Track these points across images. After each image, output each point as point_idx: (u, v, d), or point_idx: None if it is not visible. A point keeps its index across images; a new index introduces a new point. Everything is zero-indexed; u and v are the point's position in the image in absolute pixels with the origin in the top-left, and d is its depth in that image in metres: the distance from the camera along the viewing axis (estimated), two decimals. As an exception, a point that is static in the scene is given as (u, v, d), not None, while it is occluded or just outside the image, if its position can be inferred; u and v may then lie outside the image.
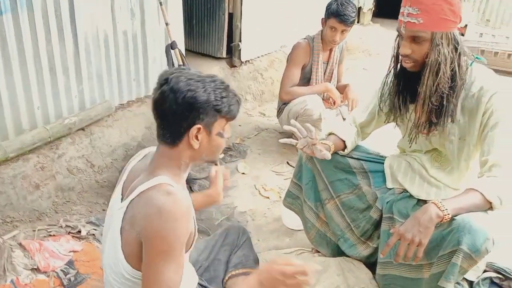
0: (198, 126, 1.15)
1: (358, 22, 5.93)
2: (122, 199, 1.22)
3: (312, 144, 1.70)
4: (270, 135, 3.33)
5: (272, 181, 2.73)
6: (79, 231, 2.07)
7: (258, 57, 4.19)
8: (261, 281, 1.22)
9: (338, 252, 2.00)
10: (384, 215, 1.76)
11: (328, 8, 2.85)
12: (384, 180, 1.84)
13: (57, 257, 1.91)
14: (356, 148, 1.91)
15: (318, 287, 1.86)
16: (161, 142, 1.20)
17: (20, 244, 1.92)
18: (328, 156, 1.69)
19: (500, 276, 1.72)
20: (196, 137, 1.16)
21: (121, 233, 1.16)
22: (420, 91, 1.56)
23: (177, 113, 1.14)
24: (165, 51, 2.72)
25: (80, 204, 2.30)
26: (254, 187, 2.67)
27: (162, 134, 1.19)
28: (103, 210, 2.30)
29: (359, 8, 5.92)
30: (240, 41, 3.88)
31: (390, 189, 1.81)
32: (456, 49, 1.51)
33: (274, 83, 4.07)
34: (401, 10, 1.53)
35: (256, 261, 1.96)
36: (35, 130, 2.22)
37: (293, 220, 2.30)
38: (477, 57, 1.62)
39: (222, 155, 2.92)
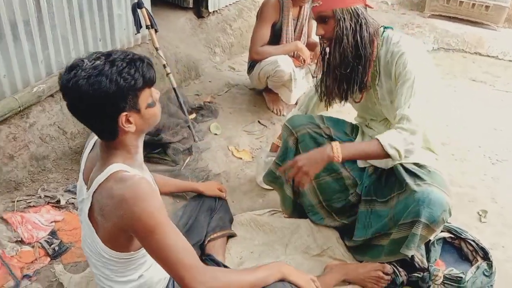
0: (124, 113, 1.13)
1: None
2: (87, 188, 1.24)
3: None
4: (240, 91, 3.36)
5: (244, 141, 2.82)
6: (58, 201, 2.12)
7: (226, 6, 4.09)
8: None
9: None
10: (363, 198, 1.90)
11: (296, -36, 2.79)
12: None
13: (39, 228, 1.97)
14: (337, 126, 1.98)
15: (290, 247, 2.03)
16: (100, 138, 1.21)
17: (2, 218, 1.96)
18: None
19: (452, 235, 1.93)
20: (128, 122, 1.16)
21: (92, 222, 1.20)
22: (329, 61, 1.78)
23: (96, 115, 1.12)
24: (132, 11, 2.63)
25: (56, 171, 2.32)
26: (227, 148, 2.75)
27: (96, 134, 1.21)
28: (80, 176, 2.34)
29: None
30: (208, -11, 3.76)
31: (363, 168, 1.93)
32: (358, 21, 1.68)
33: (243, 35, 4.03)
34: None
35: (231, 222, 2.11)
36: (3, 100, 2.17)
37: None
38: (385, 27, 1.78)
39: (194, 115, 2.96)
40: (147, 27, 2.63)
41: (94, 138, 1.36)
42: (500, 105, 3.62)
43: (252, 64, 3.08)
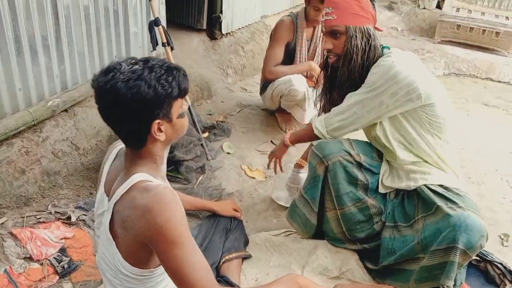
0: (157, 121, 1.12)
1: None
2: (109, 200, 1.20)
3: None
4: (252, 112, 3.34)
5: (257, 161, 2.77)
6: (69, 217, 2.07)
7: (239, 28, 4.12)
8: None
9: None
10: (386, 224, 1.83)
11: (312, -13, 2.81)
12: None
13: (49, 245, 1.91)
14: (365, 151, 1.91)
15: (307, 268, 1.95)
16: (127, 146, 1.18)
17: (11, 233, 1.90)
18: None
19: (478, 258, 1.85)
20: (160, 130, 1.14)
21: (113, 235, 1.15)
22: (338, 76, 1.80)
23: (130, 119, 1.10)
24: (148, 28, 2.63)
25: (67, 188, 2.28)
26: (240, 167, 2.70)
27: (124, 140, 1.17)
28: (90, 193, 2.29)
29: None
30: (221, 12, 3.80)
31: (385, 194, 1.87)
32: (368, 41, 1.73)
33: (255, 57, 4.04)
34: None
35: (246, 243, 2.04)
36: (17, 113, 2.15)
37: (282, 196, 2.38)
38: (383, 47, 1.81)
39: (206, 134, 2.93)
40: (163, 44, 2.63)
41: (116, 149, 1.33)
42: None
43: (265, 85, 3.07)
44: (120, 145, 1.33)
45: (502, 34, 4.70)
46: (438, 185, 1.69)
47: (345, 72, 1.76)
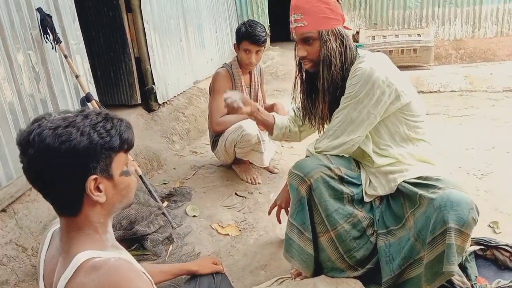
0: (93, 177, 0.94)
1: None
2: None
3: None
4: (209, 170, 3.19)
5: (227, 216, 2.59)
6: (27, 329, 1.74)
7: (175, 96, 4.08)
8: None
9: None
10: (379, 232, 1.72)
11: (238, 32, 2.85)
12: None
13: None
14: (344, 164, 1.81)
15: (312, 311, 1.75)
16: (60, 215, 0.99)
17: None
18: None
19: (483, 247, 1.75)
20: (98, 189, 0.95)
21: None
22: (319, 84, 1.72)
23: (60, 176, 0.91)
24: (81, 105, 2.49)
25: (20, 297, 1.95)
26: (210, 227, 2.49)
27: (56, 207, 0.98)
28: (49, 296, 1.97)
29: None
30: (154, 83, 3.74)
31: (371, 203, 1.78)
32: (342, 43, 1.68)
33: (198, 119, 3.97)
34: (290, 20, 1.71)
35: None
36: None
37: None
38: (357, 46, 1.78)
39: (166, 203, 2.72)
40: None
41: (49, 232, 1.11)
42: (461, 129, 3.70)
43: (216, 139, 2.97)
44: (53, 227, 1.11)
45: (419, 50, 5.04)
46: (417, 177, 1.62)
47: (327, 77, 1.68)
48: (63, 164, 0.90)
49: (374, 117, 1.65)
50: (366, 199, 1.77)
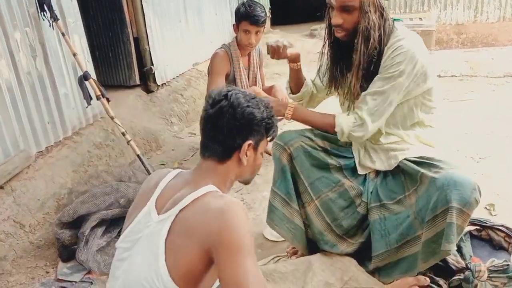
0: (250, 141, 1.18)
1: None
2: (160, 213, 1.13)
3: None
4: (207, 152, 3.19)
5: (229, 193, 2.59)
6: (26, 304, 1.77)
7: (174, 78, 4.05)
8: None
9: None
10: (371, 205, 1.72)
11: (237, 12, 2.82)
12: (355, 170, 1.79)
13: None
14: (328, 138, 1.82)
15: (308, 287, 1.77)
16: (208, 158, 1.19)
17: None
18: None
19: (478, 227, 1.76)
20: (246, 153, 1.19)
21: (166, 246, 1.07)
22: (355, 58, 1.63)
23: (234, 128, 1.16)
24: (79, 84, 2.47)
25: (18, 273, 1.97)
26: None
27: (212, 149, 1.19)
28: (47, 272, 1.99)
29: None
30: (152, 64, 3.72)
31: (365, 175, 1.78)
32: (382, 15, 1.58)
33: (197, 101, 3.96)
34: None
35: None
36: None
37: (273, 232, 2.19)
38: (395, 19, 1.70)
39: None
40: (97, 97, 2.46)
41: (175, 171, 1.28)
42: (461, 113, 3.69)
43: (214, 120, 2.95)
44: (174, 170, 1.29)
45: (420, 34, 4.91)
46: (419, 157, 1.62)
47: (364, 51, 1.58)
48: (242, 120, 1.15)
49: (405, 92, 1.61)
50: (361, 171, 1.78)
